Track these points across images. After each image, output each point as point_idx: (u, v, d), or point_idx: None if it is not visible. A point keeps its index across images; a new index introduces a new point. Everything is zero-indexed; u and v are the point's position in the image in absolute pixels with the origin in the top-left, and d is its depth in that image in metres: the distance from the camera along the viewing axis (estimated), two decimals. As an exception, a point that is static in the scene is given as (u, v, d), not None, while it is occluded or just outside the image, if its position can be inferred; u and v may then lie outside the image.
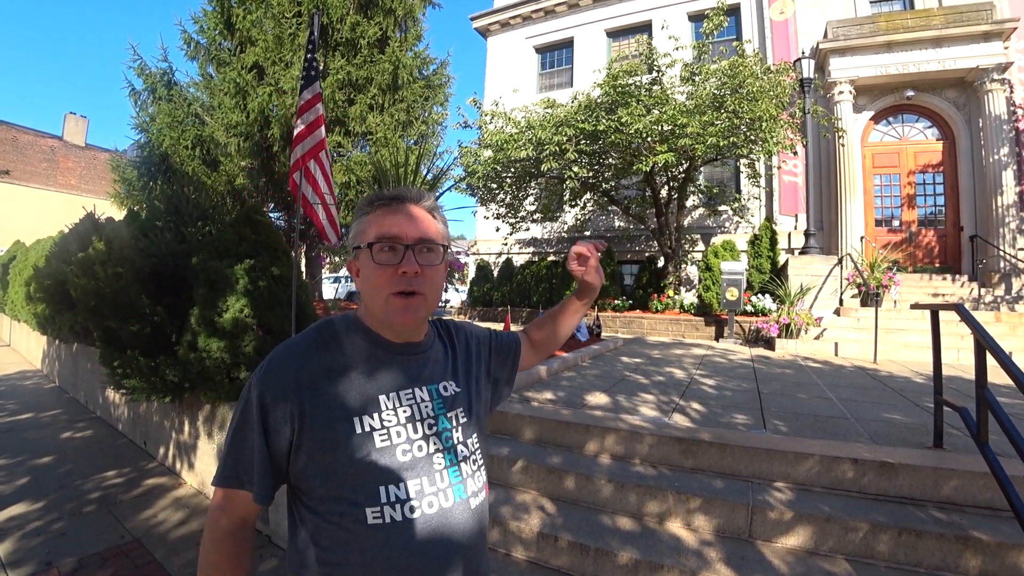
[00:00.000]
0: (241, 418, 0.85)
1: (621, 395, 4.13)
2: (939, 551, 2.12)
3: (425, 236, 0.87)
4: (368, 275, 0.86)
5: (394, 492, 0.81)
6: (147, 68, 10.43)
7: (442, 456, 0.88)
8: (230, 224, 3.76)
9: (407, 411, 0.87)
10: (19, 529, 3.05)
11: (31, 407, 6.05)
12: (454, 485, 0.87)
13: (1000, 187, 9.67)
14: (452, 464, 0.88)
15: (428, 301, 0.87)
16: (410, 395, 0.88)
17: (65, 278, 4.83)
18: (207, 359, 3.35)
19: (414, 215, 0.88)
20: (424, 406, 0.89)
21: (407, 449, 0.84)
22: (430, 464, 0.86)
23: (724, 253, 10.25)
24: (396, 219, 0.86)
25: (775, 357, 6.93)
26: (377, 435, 0.83)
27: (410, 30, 10.80)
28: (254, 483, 0.83)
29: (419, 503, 0.82)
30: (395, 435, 0.84)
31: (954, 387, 4.48)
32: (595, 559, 2.30)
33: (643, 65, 9.64)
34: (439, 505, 0.84)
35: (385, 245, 0.84)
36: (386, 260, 0.84)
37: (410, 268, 0.84)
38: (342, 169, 9.45)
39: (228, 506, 0.86)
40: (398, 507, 0.81)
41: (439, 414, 0.90)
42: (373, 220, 0.87)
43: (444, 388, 0.94)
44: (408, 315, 0.85)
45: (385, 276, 0.84)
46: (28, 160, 23.51)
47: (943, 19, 10.01)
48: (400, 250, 0.84)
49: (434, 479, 0.85)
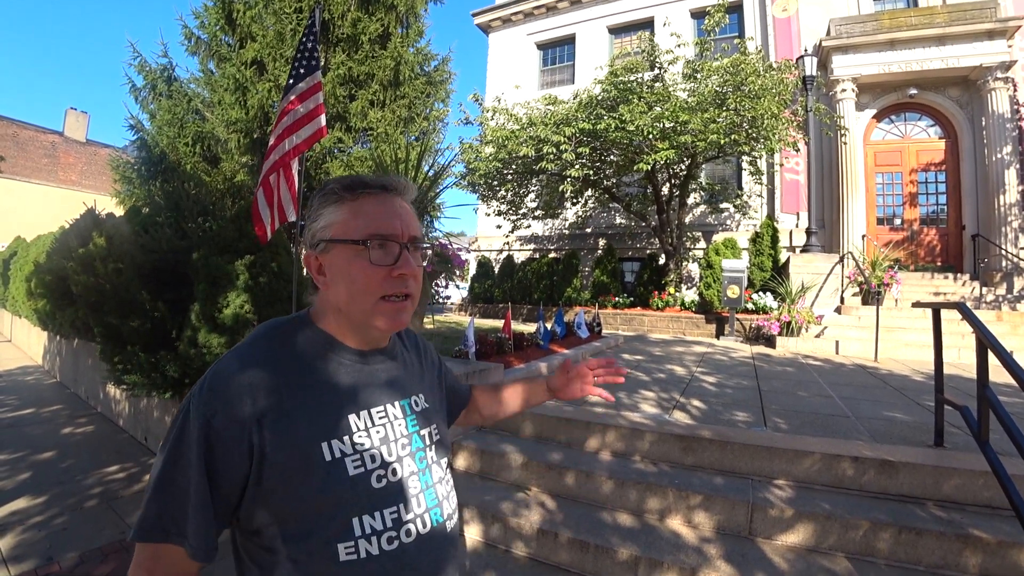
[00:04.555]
0: (173, 452, 0.68)
1: (622, 392, 4.13)
2: (939, 549, 2.12)
3: (416, 233, 0.79)
4: (354, 275, 0.75)
5: (369, 523, 0.72)
6: (147, 65, 10.42)
7: (417, 479, 0.79)
8: (230, 220, 3.76)
9: (380, 431, 0.77)
10: (20, 524, 3.05)
11: (32, 403, 6.06)
12: (431, 509, 0.80)
13: (1002, 186, 9.64)
14: (427, 487, 0.81)
15: (415, 304, 0.80)
16: (382, 413, 0.79)
17: (66, 274, 4.82)
18: (207, 355, 3.35)
19: (405, 209, 0.79)
20: (397, 424, 0.80)
21: (382, 475, 0.75)
22: (406, 488, 0.77)
23: (725, 251, 10.23)
24: (389, 212, 0.77)
25: (776, 355, 6.93)
26: (349, 461, 0.73)
27: (412, 26, 10.77)
28: (188, 535, 0.67)
29: (397, 532, 0.74)
30: (368, 459, 0.74)
31: (955, 386, 4.47)
32: (595, 556, 2.30)
33: (645, 62, 9.61)
34: (416, 532, 0.77)
35: (379, 242, 0.75)
36: (380, 259, 0.74)
37: (409, 269, 0.76)
38: (342, 165, 9.44)
39: (156, 567, 0.70)
40: (374, 539, 0.72)
41: (412, 432, 0.82)
42: (355, 210, 0.76)
43: (415, 403, 0.86)
44: (400, 320, 0.77)
45: (377, 277, 0.74)
46: (29, 156, 23.50)
47: (946, 17, 9.96)
48: (395, 249, 0.75)
49: (410, 505, 0.77)
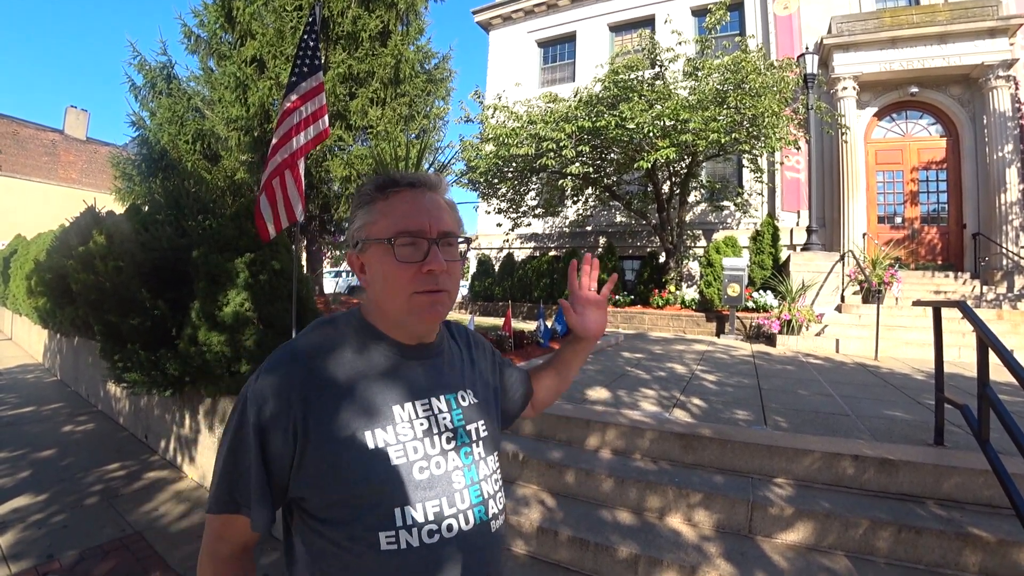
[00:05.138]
0: (235, 437, 0.75)
1: (622, 390, 4.13)
2: (939, 548, 2.12)
3: (447, 229, 0.79)
4: (386, 273, 0.77)
5: (411, 515, 0.74)
6: (147, 63, 10.41)
7: (462, 474, 0.80)
8: (230, 218, 3.76)
9: (423, 423, 0.79)
10: (21, 522, 3.06)
11: (33, 400, 6.07)
12: (475, 506, 0.80)
13: (1004, 184, 9.62)
14: (473, 483, 0.81)
15: (451, 298, 0.80)
16: (427, 405, 0.81)
17: (66, 272, 4.83)
18: (207, 353, 3.35)
19: (435, 204, 0.80)
20: (442, 417, 0.81)
21: (424, 466, 0.76)
22: (449, 483, 0.78)
23: (726, 249, 10.22)
24: (417, 209, 0.78)
25: (776, 353, 6.93)
26: (392, 451, 0.75)
27: (412, 24, 10.75)
28: (251, 508, 0.74)
29: (438, 526, 0.75)
30: (411, 451, 0.76)
31: (956, 384, 4.47)
32: (595, 554, 2.30)
33: (646, 60, 9.59)
34: (459, 528, 0.77)
35: (407, 239, 0.76)
36: (409, 256, 0.76)
37: (437, 266, 0.76)
38: (342, 163, 9.43)
39: (226, 533, 0.78)
40: (415, 531, 0.74)
41: (458, 427, 0.83)
42: (386, 209, 0.78)
43: (462, 397, 0.86)
44: (435, 314, 0.78)
45: (408, 274, 0.76)
46: (29, 154, 23.49)
47: (948, 15, 9.94)
48: (424, 245, 0.76)
49: (453, 500, 0.78)
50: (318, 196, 9.94)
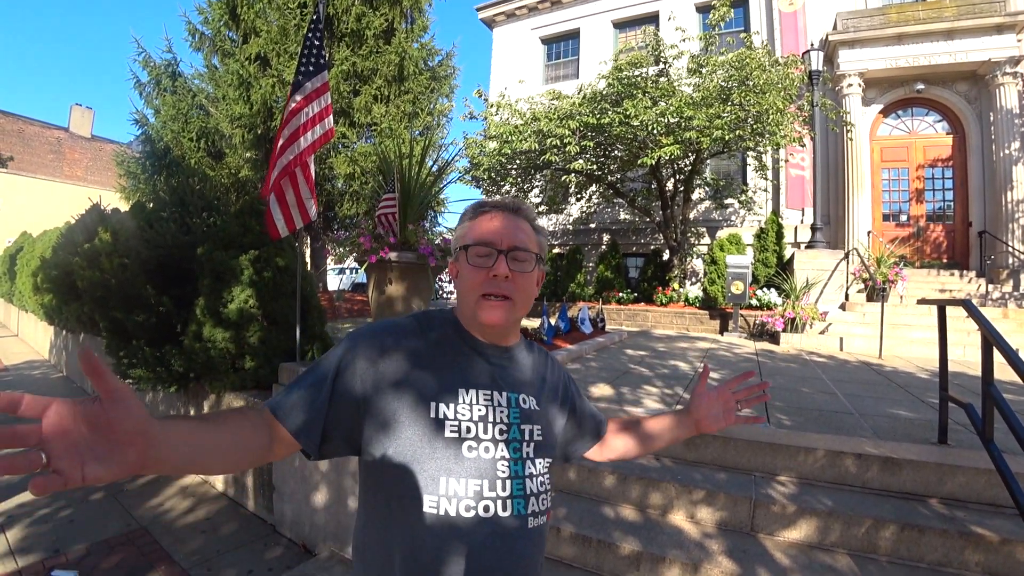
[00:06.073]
0: (321, 362, 0.87)
1: (625, 387, 4.13)
2: (942, 547, 2.11)
3: (518, 244, 0.89)
4: (463, 276, 0.90)
5: (453, 486, 0.81)
6: (151, 60, 10.44)
7: (507, 465, 0.86)
8: (235, 215, 3.77)
9: (482, 410, 0.86)
10: (28, 516, 3.09)
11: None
12: (515, 498, 0.85)
13: (1010, 182, 9.56)
14: (517, 476, 0.86)
15: (516, 306, 0.89)
16: (488, 396, 0.88)
17: (72, 269, 4.85)
18: (212, 349, 3.37)
19: (511, 224, 0.91)
20: (500, 411, 0.88)
21: (473, 446, 0.84)
22: (494, 469, 0.84)
23: (730, 246, 10.19)
24: (493, 225, 0.90)
25: (780, 351, 6.91)
26: (448, 424, 0.83)
27: (416, 21, 10.75)
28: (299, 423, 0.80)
29: (475, 504, 0.81)
30: (465, 430, 0.84)
31: (960, 383, 4.45)
32: (597, 550, 2.31)
33: (649, 57, 9.55)
34: (495, 512, 0.83)
35: (481, 249, 0.88)
36: (479, 263, 0.88)
37: (500, 271, 0.87)
38: (346, 161, 9.45)
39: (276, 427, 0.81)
40: (454, 502, 0.81)
41: (513, 423, 0.89)
42: (473, 226, 0.92)
43: (524, 400, 0.93)
44: (496, 315, 0.88)
45: (478, 278, 0.88)
46: (34, 151, 23.62)
47: (955, 11, 9.86)
48: (493, 254, 0.88)
49: (495, 485, 0.83)
50: (322, 193, 9.96)
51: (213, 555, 2.73)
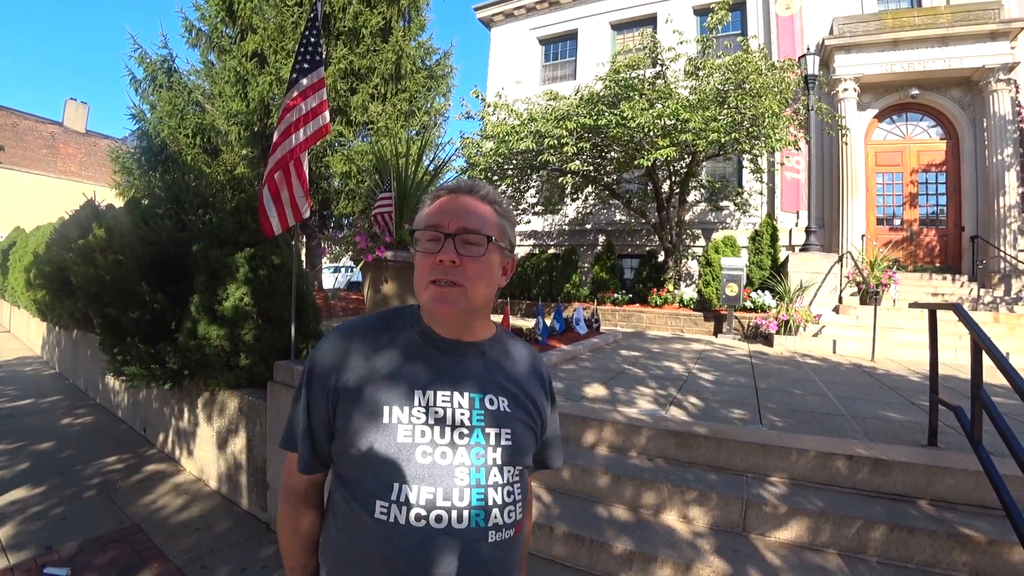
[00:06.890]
0: (297, 390, 0.90)
1: (619, 388, 4.15)
2: (930, 547, 2.14)
3: (468, 226, 0.82)
4: (416, 263, 0.85)
5: (405, 493, 0.77)
6: (147, 56, 10.39)
7: (467, 472, 0.80)
8: (231, 212, 3.76)
9: (439, 412, 0.81)
10: (20, 513, 3.07)
11: (31, 393, 6.08)
12: (473, 508, 0.79)
13: (1003, 188, 9.64)
14: (478, 485, 0.80)
15: (468, 293, 0.81)
16: (447, 397, 0.83)
17: (65, 265, 4.83)
18: (207, 347, 3.37)
19: (462, 205, 0.85)
20: (460, 412, 0.82)
21: (428, 452, 0.79)
22: (451, 476, 0.78)
23: (725, 249, 10.24)
24: (443, 209, 0.85)
25: (773, 353, 6.95)
26: (401, 429, 0.79)
27: (414, 20, 10.75)
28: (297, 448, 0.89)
29: (426, 513, 0.76)
30: (419, 434, 0.79)
31: (950, 386, 4.50)
32: (590, 550, 2.32)
33: (647, 59, 9.58)
34: (449, 522, 0.77)
35: (428, 233, 0.83)
36: (428, 248, 0.83)
37: (445, 257, 0.80)
38: (343, 159, 9.43)
39: (291, 466, 0.92)
40: (404, 509, 0.76)
41: (476, 426, 0.83)
42: (426, 211, 0.87)
43: (491, 401, 0.86)
44: (443, 305, 0.81)
45: (426, 264, 0.82)
46: (28, 146, 23.43)
47: (950, 17, 9.94)
48: (440, 239, 0.82)
49: (450, 493, 0.78)
50: (318, 192, 9.94)
51: (207, 553, 2.72)
